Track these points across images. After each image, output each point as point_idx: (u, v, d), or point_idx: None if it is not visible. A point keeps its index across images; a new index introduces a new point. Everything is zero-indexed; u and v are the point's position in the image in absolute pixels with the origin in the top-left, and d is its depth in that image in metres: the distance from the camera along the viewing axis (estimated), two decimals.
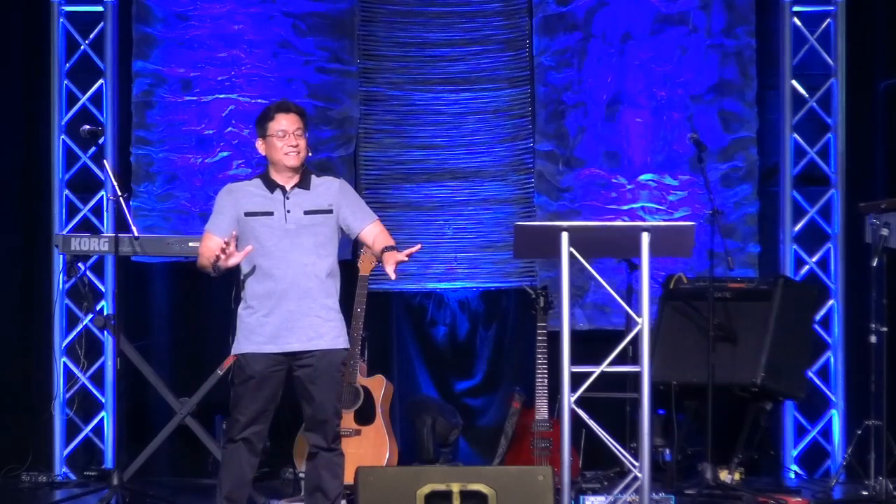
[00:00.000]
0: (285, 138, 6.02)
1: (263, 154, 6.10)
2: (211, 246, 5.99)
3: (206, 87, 8.83)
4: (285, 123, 6.03)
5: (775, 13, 8.84)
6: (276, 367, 5.98)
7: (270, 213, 6.01)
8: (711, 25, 8.82)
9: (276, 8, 8.86)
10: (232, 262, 5.87)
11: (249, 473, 6.05)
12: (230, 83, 8.83)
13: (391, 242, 6.05)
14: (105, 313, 8.50)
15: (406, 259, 5.95)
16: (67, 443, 8.72)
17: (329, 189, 6.09)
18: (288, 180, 6.06)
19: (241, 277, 6.06)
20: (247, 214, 6.02)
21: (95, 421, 8.77)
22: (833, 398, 8.71)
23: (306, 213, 6.02)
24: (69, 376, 8.72)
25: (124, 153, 8.81)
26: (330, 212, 6.05)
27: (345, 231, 6.12)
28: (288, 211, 6.01)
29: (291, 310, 5.96)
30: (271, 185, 6.06)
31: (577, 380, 5.87)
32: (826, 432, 8.74)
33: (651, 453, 5.96)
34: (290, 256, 5.97)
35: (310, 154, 6.14)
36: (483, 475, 6.55)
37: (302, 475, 7.44)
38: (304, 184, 6.06)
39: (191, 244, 7.89)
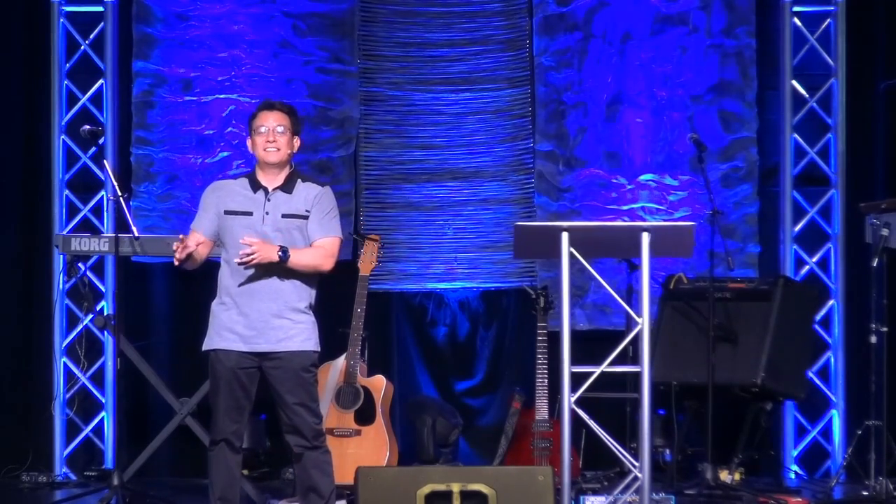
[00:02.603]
0: (265, 134, 6.05)
1: (252, 152, 6.13)
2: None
3: (206, 87, 8.83)
4: (267, 120, 6.07)
5: (775, 13, 8.84)
6: (246, 364, 6.01)
7: (249, 214, 6.04)
8: (711, 26, 8.82)
9: (276, 8, 8.86)
10: (185, 254, 5.88)
11: (237, 471, 6.09)
12: (230, 83, 8.83)
13: (302, 252, 6.00)
14: (105, 313, 8.50)
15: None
16: (67, 443, 8.72)
17: (309, 195, 6.09)
18: (272, 181, 6.08)
19: (219, 273, 6.09)
20: (226, 213, 6.06)
21: (95, 421, 8.77)
22: (833, 398, 8.71)
23: (284, 216, 6.03)
24: (69, 376, 8.72)
25: (124, 153, 8.82)
26: (306, 217, 6.07)
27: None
28: (266, 213, 6.03)
29: (262, 310, 5.99)
30: (255, 186, 6.09)
31: (577, 380, 5.87)
32: (826, 432, 8.74)
33: (651, 453, 5.96)
34: None
35: (291, 152, 6.07)
36: (483, 475, 6.55)
37: None
38: (287, 187, 6.08)
39: None
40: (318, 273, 6.08)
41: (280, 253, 5.91)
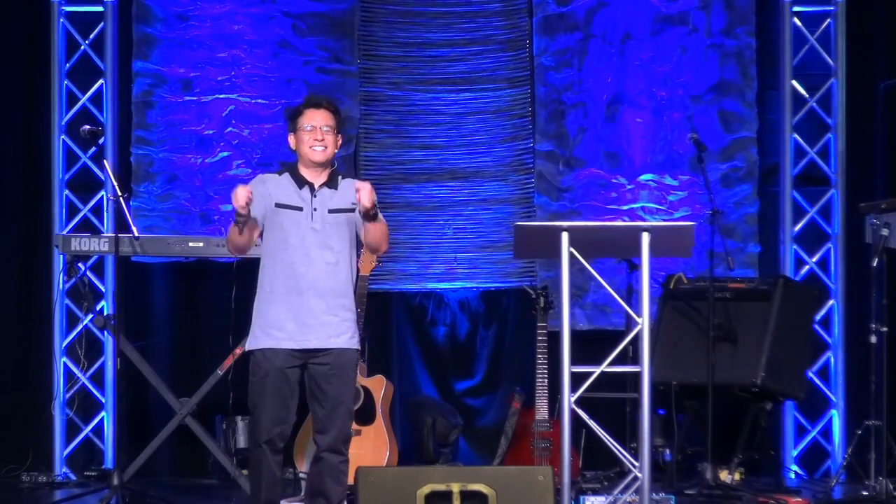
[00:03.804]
0: (312, 132, 6.04)
1: (294, 149, 6.12)
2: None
3: (206, 87, 8.83)
4: (314, 118, 6.05)
5: (775, 13, 8.84)
6: (293, 362, 5.98)
7: (299, 209, 6.02)
8: (711, 25, 8.82)
9: (276, 8, 8.86)
10: (245, 201, 5.81)
11: (279, 472, 6.08)
12: (230, 83, 8.83)
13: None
14: (105, 313, 8.50)
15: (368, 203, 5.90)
16: (67, 443, 8.71)
17: (353, 189, 6.06)
18: (317, 178, 6.07)
19: (262, 270, 6.07)
20: (277, 205, 6.03)
21: (95, 421, 8.76)
22: (833, 398, 8.71)
23: (331, 211, 6.03)
24: (69, 376, 8.72)
25: (124, 153, 8.81)
26: (352, 210, 6.05)
27: (357, 230, 6.12)
28: (314, 209, 6.02)
29: (311, 307, 5.97)
30: (300, 181, 6.07)
31: (577, 380, 5.86)
32: (826, 432, 8.74)
33: (651, 453, 5.96)
34: (313, 254, 5.99)
35: (336, 150, 6.11)
36: (483, 475, 6.54)
37: (302, 475, 7.45)
38: (331, 183, 6.08)
39: (191, 244, 7.90)
40: (378, 253, 6.23)
41: (376, 209, 5.96)
